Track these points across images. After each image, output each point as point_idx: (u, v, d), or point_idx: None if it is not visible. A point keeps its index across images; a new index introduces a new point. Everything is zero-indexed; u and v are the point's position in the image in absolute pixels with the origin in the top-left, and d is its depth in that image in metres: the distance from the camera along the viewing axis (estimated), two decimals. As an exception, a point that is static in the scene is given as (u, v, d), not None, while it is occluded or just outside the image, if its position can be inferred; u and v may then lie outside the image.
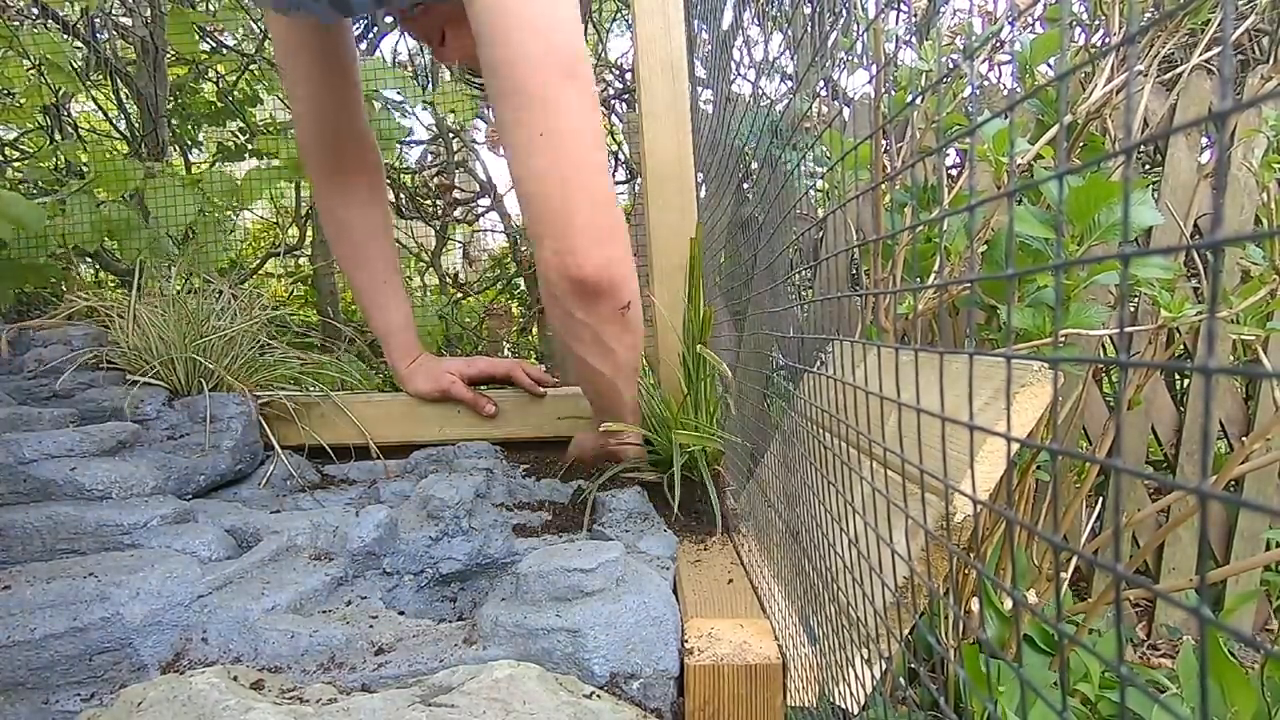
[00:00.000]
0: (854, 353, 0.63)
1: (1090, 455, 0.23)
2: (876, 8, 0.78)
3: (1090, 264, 0.77)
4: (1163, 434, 1.59)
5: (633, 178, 2.39)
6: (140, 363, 1.01)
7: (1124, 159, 0.22)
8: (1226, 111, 0.18)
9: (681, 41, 1.03)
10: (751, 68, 1.12)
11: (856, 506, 0.49)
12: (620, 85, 2.65)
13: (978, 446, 0.58)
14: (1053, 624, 0.25)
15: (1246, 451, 0.90)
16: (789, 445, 0.81)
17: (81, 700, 0.58)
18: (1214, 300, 0.19)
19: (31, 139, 2.42)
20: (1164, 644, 1.52)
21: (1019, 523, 0.27)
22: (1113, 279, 0.86)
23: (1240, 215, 1.54)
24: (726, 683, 0.60)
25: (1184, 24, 1.03)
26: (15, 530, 0.72)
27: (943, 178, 1.12)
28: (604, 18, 3.11)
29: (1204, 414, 0.18)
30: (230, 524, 0.79)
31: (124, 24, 2.32)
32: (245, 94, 2.36)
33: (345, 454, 1.10)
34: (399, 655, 0.60)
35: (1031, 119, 1.08)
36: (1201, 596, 0.19)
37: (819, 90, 0.64)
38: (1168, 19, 0.99)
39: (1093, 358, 0.49)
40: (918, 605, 0.56)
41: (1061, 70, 0.25)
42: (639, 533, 0.82)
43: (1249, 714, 0.87)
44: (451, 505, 0.80)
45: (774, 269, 0.89)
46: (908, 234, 0.96)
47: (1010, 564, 1.01)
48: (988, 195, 0.30)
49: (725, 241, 1.20)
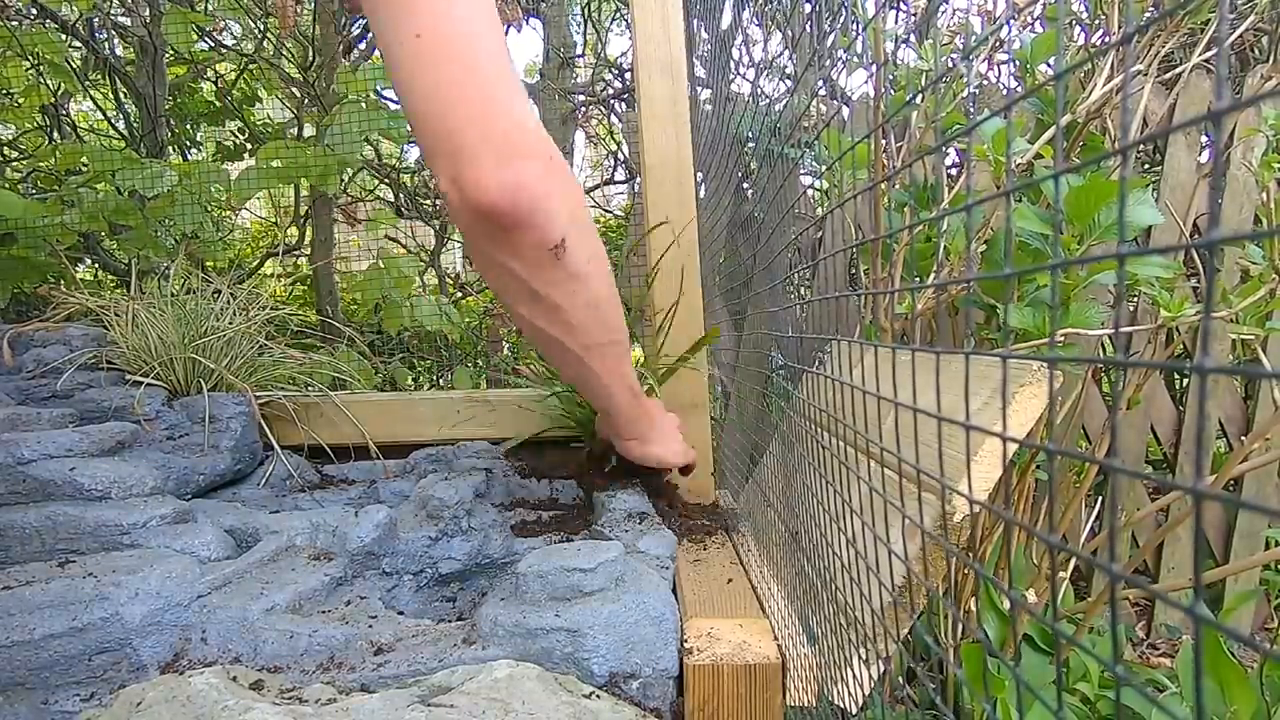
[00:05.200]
0: (853, 352, 0.63)
1: (1088, 455, 0.23)
2: (876, 7, 0.78)
3: (1089, 263, 0.77)
4: (1162, 434, 1.59)
5: (632, 177, 2.38)
6: (140, 363, 1.01)
7: (1122, 158, 0.22)
8: (1224, 111, 0.18)
9: (681, 41, 1.03)
10: (751, 67, 1.12)
11: (855, 506, 0.49)
12: (620, 85, 2.65)
13: (975, 446, 0.58)
14: (1050, 624, 0.25)
15: (1246, 451, 0.90)
16: (788, 445, 0.81)
17: (81, 700, 0.58)
18: (1210, 300, 0.19)
19: (30, 139, 2.42)
20: (1163, 643, 1.53)
21: (1017, 523, 0.27)
22: (1112, 278, 0.86)
23: (1240, 214, 1.54)
24: (726, 682, 0.60)
25: (1183, 24, 1.03)
26: (14, 530, 0.72)
27: (942, 177, 1.12)
28: (604, 17, 3.11)
29: (1199, 414, 0.18)
30: (230, 524, 0.79)
31: (123, 24, 2.31)
32: (244, 93, 2.36)
33: (345, 454, 1.10)
34: (398, 655, 0.60)
35: (1031, 118, 1.09)
36: (1197, 596, 0.19)
37: (818, 90, 0.64)
38: (1167, 18, 0.99)
39: (1091, 358, 0.49)
40: (916, 605, 0.56)
41: (1060, 70, 0.25)
42: (638, 532, 0.82)
43: (1248, 713, 0.87)
44: (451, 505, 0.80)
45: (773, 269, 0.89)
46: (906, 233, 0.96)
47: (1008, 564, 1.01)
48: (986, 195, 0.30)
49: (725, 241, 1.20)
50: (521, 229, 0.62)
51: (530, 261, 0.64)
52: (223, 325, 1.05)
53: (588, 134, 3.42)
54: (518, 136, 0.61)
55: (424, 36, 0.59)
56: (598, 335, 0.72)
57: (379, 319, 2.05)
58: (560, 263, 0.64)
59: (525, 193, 0.60)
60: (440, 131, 0.60)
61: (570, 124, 2.95)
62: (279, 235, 2.98)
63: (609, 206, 3.87)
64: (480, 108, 0.60)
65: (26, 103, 2.02)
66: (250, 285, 1.22)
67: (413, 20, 0.59)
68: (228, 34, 2.64)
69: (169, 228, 1.78)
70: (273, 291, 2.51)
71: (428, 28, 0.59)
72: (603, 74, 2.99)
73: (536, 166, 0.61)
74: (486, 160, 0.59)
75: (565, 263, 0.65)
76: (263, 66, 2.33)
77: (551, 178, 0.62)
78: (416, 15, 0.59)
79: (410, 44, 0.59)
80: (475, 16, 0.61)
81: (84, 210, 1.61)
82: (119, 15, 2.30)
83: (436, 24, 0.60)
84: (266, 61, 2.30)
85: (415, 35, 0.59)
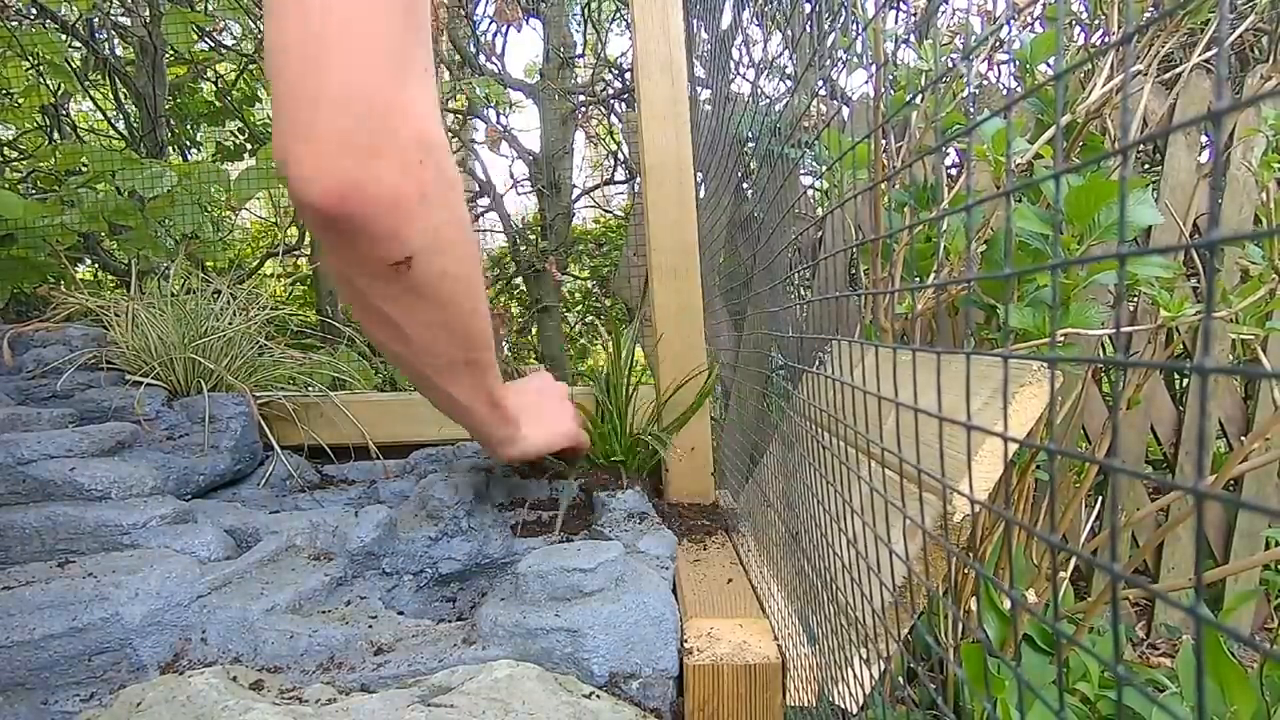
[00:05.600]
0: (853, 352, 0.63)
1: (1088, 455, 0.23)
2: (876, 7, 0.78)
3: (1089, 263, 0.77)
4: (1162, 434, 1.59)
5: (632, 177, 2.39)
6: (139, 363, 1.01)
7: (1122, 158, 0.22)
8: (1224, 111, 0.18)
9: (681, 41, 1.03)
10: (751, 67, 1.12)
11: (855, 506, 0.49)
12: (620, 85, 2.64)
13: (976, 446, 0.58)
14: (1051, 624, 0.25)
15: (1246, 451, 0.90)
16: (788, 445, 0.81)
17: (81, 701, 0.58)
18: (1210, 300, 0.19)
19: (30, 139, 2.42)
20: (1163, 643, 1.53)
21: (1017, 523, 0.27)
22: (1112, 278, 0.86)
23: (1239, 214, 1.54)
24: (726, 682, 0.60)
25: (1183, 23, 1.03)
26: (14, 531, 0.72)
27: (942, 177, 1.12)
28: (604, 17, 3.11)
29: (1200, 414, 0.18)
30: (229, 524, 0.79)
31: (123, 24, 2.32)
32: (244, 93, 2.36)
33: (345, 454, 1.10)
34: (398, 655, 0.60)
35: (1031, 118, 1.09)
36: (1198, 596, 0.19)
37: (818, 90, 0.64)
38: (1167, 18, 0.99)
39: (1091, 358, 0.49)
40: (917, 605, 0.56)
41: (1060, 70, 0.25)
42: (638, 532, 0.82)
43: (1248, 713, 0.87)
44: (451, 505, 0.80)
45: (773, 269, 0.89)
46: (906, 233, 0.96)
47: (1009, 564, 1.01)
48: (986, 195, 0.30)
49: (725, 241, 1.20)
50: (356, 235, 0.50)
51: (365, 272, 0.54)
52: (223, 325, 1.05)
53: (588, 134, 3.42)
54: (382, 130, 0.48)
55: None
56: (448, 354, 0.62)
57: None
58: (402, 281, 0.54)
59: (363, 196, 0.48)
60: (288, 106, 0.48)
61: (570, 124, 2.95)
62: (279, 235, 2.98)
63: (609, 206, 3.87)
64: (345, 88, 0.47)
65: (26, 103, 2.02)
66: (250, 285, 1.22)
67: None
68: (228, 34, 2.64)
69: (169, 228, 1.78)
70: (273, 291, 2.51)
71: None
72: (603, 74, 2.99)
73: (396, 167, 0.49)
74: (330, 149, 0.47)
75: (409, 281, 0.54)
76: (263, 66, 2.33)
77: (413, 181, 0.50)
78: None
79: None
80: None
81: (84, 210, 1.61)
82: (119, 15, 2.30)
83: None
84: (266, 61, 2.29)
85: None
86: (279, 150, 0.49)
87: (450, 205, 0.54)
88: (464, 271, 0.57)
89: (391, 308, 0.56)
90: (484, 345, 0.64)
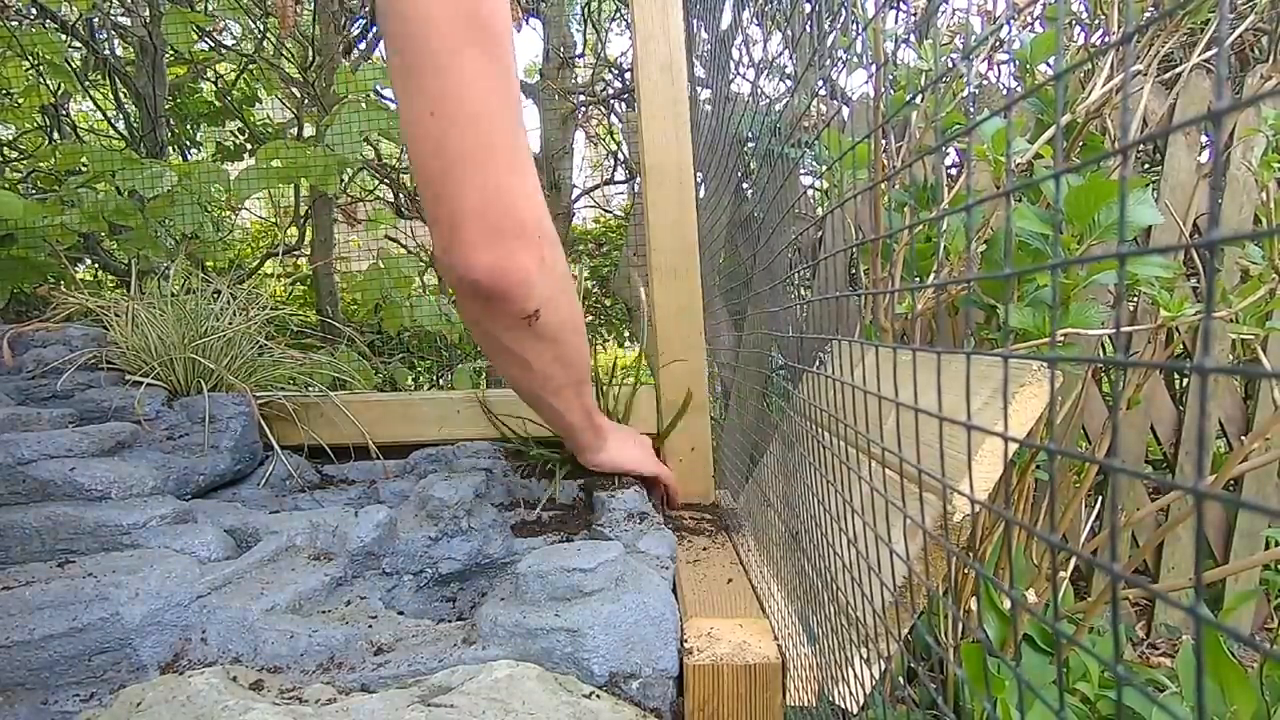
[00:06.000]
0: (853, 352, 0.63)
1: (1088, 455, 0.23)
2: (876, 7, 0.78)
3: (1089, 263, 0.77)
4: (1162, 433, 1.59)
5: (632, 177, 2.38)
6: (139, 363, 1.01)
7: (1122, 158, 0.22)
8: (1224, 111, 0.18)
9: (681, 41, 1.03)
10: (751, 67, 1.12)
11: (856, 506, 0.49)
12: (620, 85, 2.65)
13: (976, 446, 0.58)
14: (1051, 624, 0.25)
15: (1246, 451, 0.90)
16: (788, 445, 0.81)
17: (80, 701, 0.58)
18: (1210, 300, 0.19)
19: (30, 139, 2.42)
20: (1163, 643, 1.53)
21: (1017, 523, 0.27)
22: (1112, 278, 0.86)
23: (1240, 214, 1.54)
24: (726, 682, 0.60)
25: (1183, 23, 1.03)
26: (14, 531, 0.72)
27: (942, 177, 1.12)
28: (604, 17, 3.11)
29: (1200, 414, 0.18)
30: (229, 524, 0.79)
31: (123, 24, 2.32)
32: (244, 93, 2.37)
33: (345, 454, 1.09)
34: (398, 655, 0.60)
35: (1031, 118, 1.09)
36: (1198, 596, 0.19)
37: (818, 90, 0.64)
38: (1167, 18, 0.99)
39: (1091, 358, 0.49)
40: (917, 605, 0.56)
41: (1060, 70, 0.25)
42: (638, 532, 0.82)
43: (1248, 713, 0.87)
44: (451, 505, 0.80)
45: (773, 269, 0.89)
46: (906, 233, 0.96)
47: (1009, 564, 1.01)
48: (986, 195, 0.30)
49: (725, 241, 1.20)
50: (499, 300, 0.67)
51: (504, 326, 0.70)
52: (223, 325, 1.05)
53: (588, 134, 3.42)
54: (513, 223, 0.64)
55: (437, 115, 0.60)
56: (560, 380, 0.78)
57: (379, 319, 2.05)
58: (531, 329, 0.70)
59: (509, 274, 0.65)
60: (443, 213, 0.63)
61: (570, 124, 2.95)
62: (279, 235, 2.98)
63: (609, 206, 3.87)
64: (483, 196, 0.62)
65: (26, 103, 2.02)
66: (250, 285, 1.22)
67: (424, 100, 0.60)
68: (228, 34, 2.64)
69: (169, 228, 1.78)
70: (273, 291, 2.51)
71: (440, 108, 0.60)
72: (603, 74, 2.99)
73: (525, 249, 0.65)
74: (481, 242, 0.63)
75: (536, 329, 0.70)
76: (262, 67, 2.33)
77: (535, 258, 0.66)
78: (427, 95, 0.60)
79: (424, 123, 0.61)
80: (490, 96, 0.61)
81: (84, 210, 1.61)
82: (119, 15, 2.30)
83: (447, 106, 0.60)
84: (266, 62, 2.30)
85: (429, 114, 0.60)
86: (441, 247, 0.64)
87: (559, 263, 0.70)
88: (572, 319, 0.74)
89: (522, 349, 0.73)
90: (586, 371, 0.81)
